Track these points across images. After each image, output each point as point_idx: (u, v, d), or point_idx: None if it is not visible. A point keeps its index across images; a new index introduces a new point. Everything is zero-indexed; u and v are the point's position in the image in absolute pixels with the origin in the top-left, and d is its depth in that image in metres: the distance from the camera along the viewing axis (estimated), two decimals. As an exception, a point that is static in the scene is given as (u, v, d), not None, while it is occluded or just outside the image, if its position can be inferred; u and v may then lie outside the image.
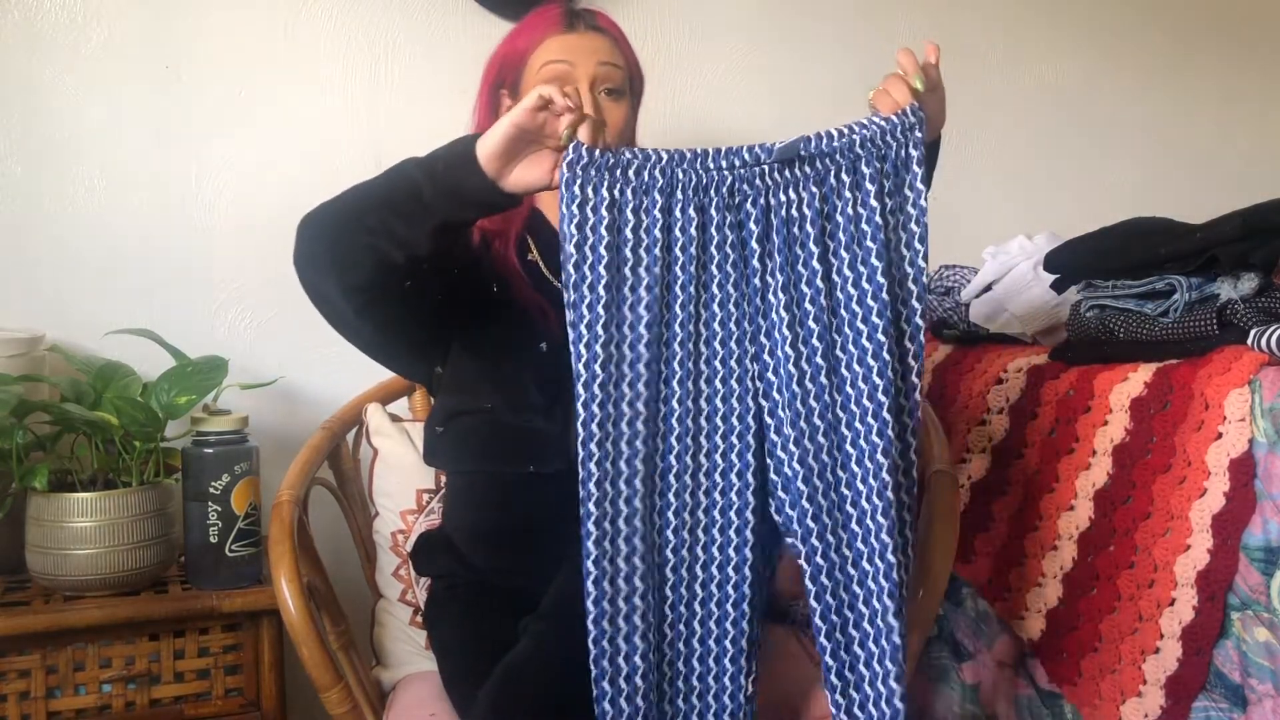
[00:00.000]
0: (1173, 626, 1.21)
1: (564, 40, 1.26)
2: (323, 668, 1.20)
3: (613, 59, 1.27)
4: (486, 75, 1.35)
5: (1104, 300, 1.42)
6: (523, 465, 1.26)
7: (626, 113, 1.30)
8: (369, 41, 1.83)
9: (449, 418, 1.32)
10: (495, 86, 1.34)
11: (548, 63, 1.26)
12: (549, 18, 1.29)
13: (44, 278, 1.69)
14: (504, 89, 1.33)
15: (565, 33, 1.27)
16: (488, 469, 1.29)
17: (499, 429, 1.27)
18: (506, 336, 1.29)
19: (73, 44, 1.69)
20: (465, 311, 1.30)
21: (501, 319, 1.30)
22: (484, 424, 1.29)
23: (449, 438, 1.32)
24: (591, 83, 1.25)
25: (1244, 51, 2.38)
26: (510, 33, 1.34)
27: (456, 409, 1.32)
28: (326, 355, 1.81)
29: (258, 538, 1.53)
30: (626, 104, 1.29)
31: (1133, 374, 1.33)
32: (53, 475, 1.44)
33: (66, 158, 1.70)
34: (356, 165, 1.81)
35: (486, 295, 1.30)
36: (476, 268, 1.31)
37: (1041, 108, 2.24)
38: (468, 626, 1.24)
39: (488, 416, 1.28)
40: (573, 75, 1.25)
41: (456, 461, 1.33)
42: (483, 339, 1.31)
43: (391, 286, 1.12)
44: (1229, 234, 1.26)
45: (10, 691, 1.40)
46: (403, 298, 1.16)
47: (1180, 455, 1.23)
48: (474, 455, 1.30)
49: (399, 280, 1.11)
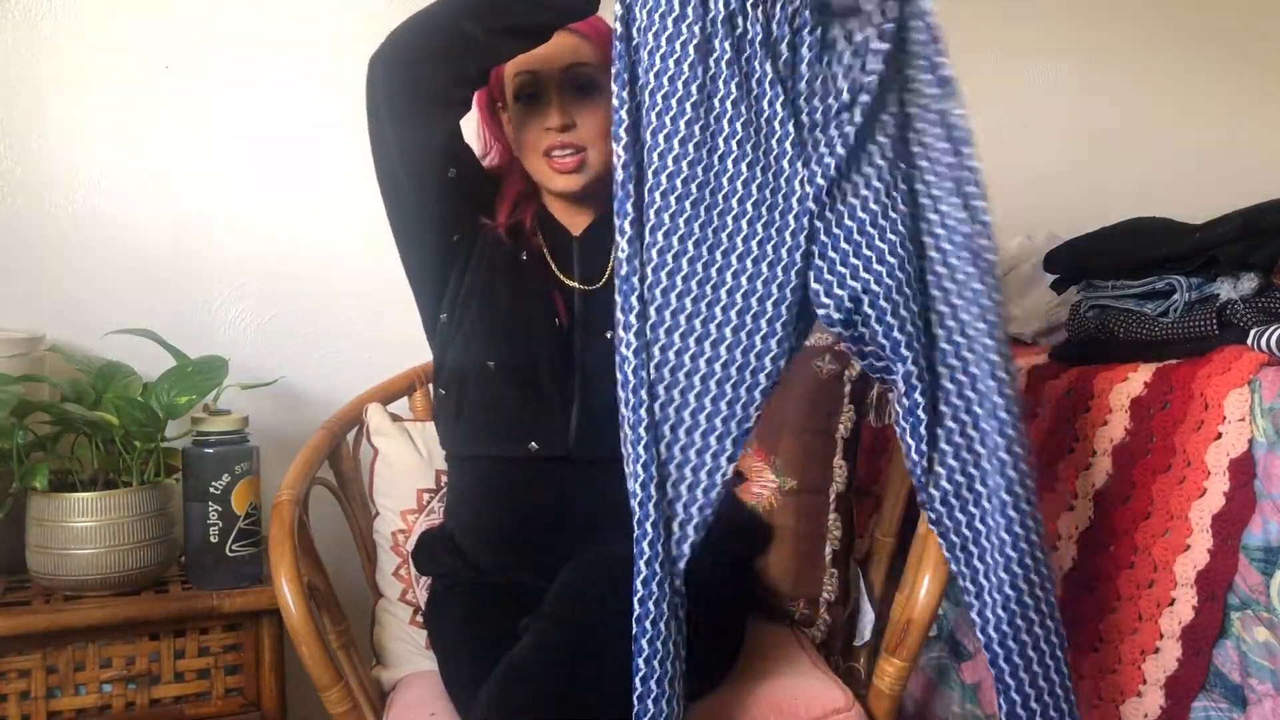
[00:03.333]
0: (1172, 626, 1.21)
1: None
2: (323, 667, 1.20)
3: (578, 58, 1.25)
4: (479, 99, 1.34)
5: (1104, 300, 1.42)
6: (524, 445, 1.25)
7: (603, 110, 1.24)
8: (370, 41, 1.83)
9: (452, 377, 1.31)
10: (491, 105, 1.35)
11: (516, 74, 1.26)
12: None
13: (44, 278, 1.69)
14: (499, 103, 1.33)
15: None
16: (492, 452, 1.28)
17: (501, 399, 1.26)
18: (519, 290, 1.29)
19: (73, 44, 1.69)
20: (472, 232, 1.31)
21: (516, 273, 1.29)
22: (486, 390, 1.27)
23: (451, 405, 1.31)
24: (559, 87, 1.24)
25: (1244, 51, 2.38)
26: None
27: (459, 364, 1.30)
28: (326, 355, 1.81)
29: (258, 538, 1.53)
30: (601, 101, 1.25)
31: (1133, 374, 1.33)
32: (53, 475, 1.44)
33: (66, 158, 1.70)
34: (356, 165, 1.82)
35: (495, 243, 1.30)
36: (484, 185, 1.32)
37: (1041, 108, 2.24)
38: (468, 626, 1.24)
39: (489, 378, 1.27)
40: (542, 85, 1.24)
41: (456, 441, 1.33)
42: (493, 286, 1.29)
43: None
44: (1229, 234, 1.26)
45: (10, 691, 1.40)
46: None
47: (1180, 455, 1.23)
48: (476, 433, 1.29)
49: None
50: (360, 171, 1.29)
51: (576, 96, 1.25)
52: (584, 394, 1.25)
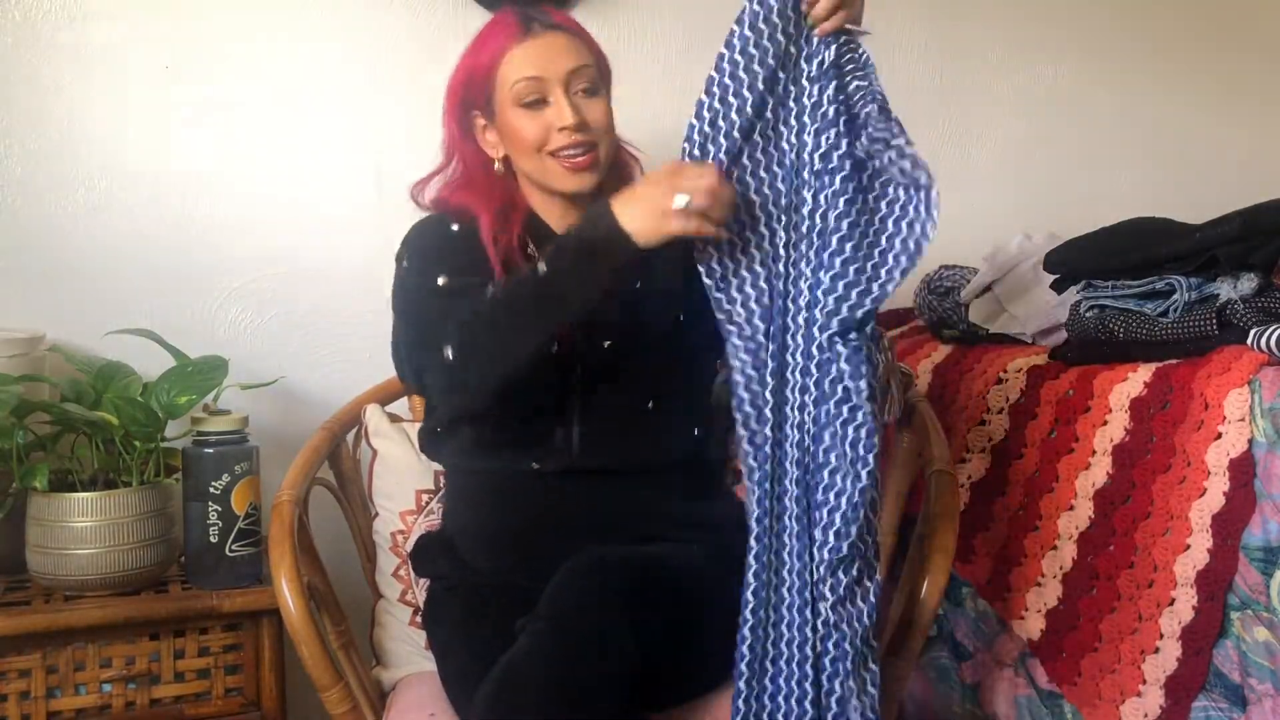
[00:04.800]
0: (1172, 626, 1.21)
1: (526, 50, 1.23)
2: (323, 667, 1.20)
3: (581, 60, 1.24)
4: (451, 96, 1.30)
5: (1104, 300, 1.42)
6: (525, 462, 1.25)
7: (606, 106, 1.27)
8: (369, 41, 1.83)
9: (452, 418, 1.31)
10: (464, 106, 1.30)
11: (517, 81, 1.23)
12: (504, 26, 1.25)
13: (44, 278, 1.69)
14: (475, 110, 1.29)
15: (524, 39, 1.23)
16: (492, 466, 1.28)
17: (503, 423, 1.26)
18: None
19: (73, 44, 1.69)
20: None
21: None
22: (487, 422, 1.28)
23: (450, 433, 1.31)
24: (566, 89, 1.23)
25: (1244, 51, 2.38)
26: (469, 48, 1.29)
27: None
28: (326, 355, 1.81)
29: (258, 538, 1.53)
30: (604, 98, 1.27)
31: (1133, 374, 1.33)
32: (53, 475, 1.44)
33: (66, 158, 1.70)
34: (356, 165, 1.82)
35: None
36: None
37: (1041, 108, 2.24)
38: (465, 627, 1.24)
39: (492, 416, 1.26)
40: (547, 88, 1.23)
41: (458, 456, 1.32)
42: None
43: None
44: (1229, 234, 1.26)
45: (10, 691, 1.40)
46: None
47: (1180, 455, 1.23)
48: (477, 452, 1.29)
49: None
50: (361, 172, 1.29)
51: (582, 96, 1.24)
52: (584, 407, 1.25)
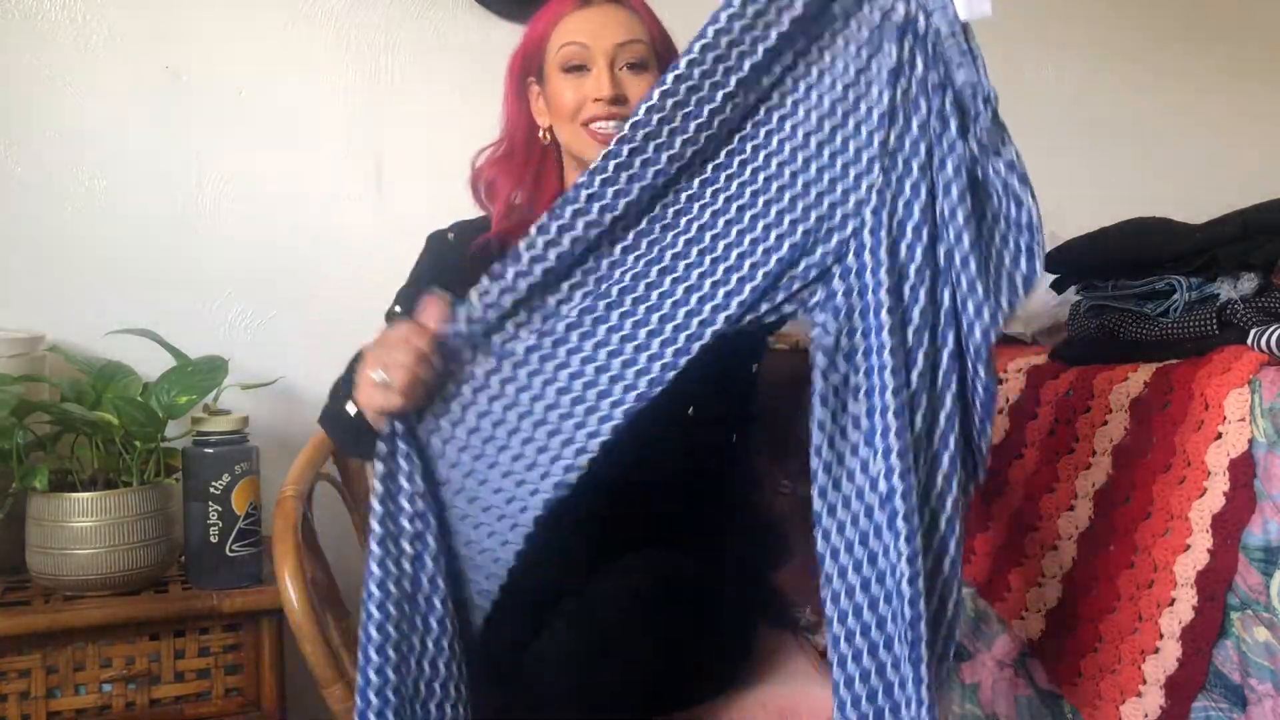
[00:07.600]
0: (1172, 626, 1.21)
1: (579, 18, 1.23)
2: (325, 664, 1.19)
3: (632, 35, 1.23)
4: (512, 67, 1.30)
5: (1104, 300, 1.42)
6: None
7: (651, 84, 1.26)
8: (369, 41, 1.83)
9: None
10: (522, 76, 1.30)
11: (564, 45, 1.23)
12: None
13: (44, 278, 1.69)
14: (530, 77, 1.29)
15: (582, 7, 1.23)
16: None
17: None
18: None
19: (73, 44, 1.69)
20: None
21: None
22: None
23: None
24: (610, 62, 1.22)
25: (1244, 52, 2.38)
26: (531, 19, 1.30)
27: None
28: (326, 355, 1.80)
29: (258, 538, 1.53)
30: (651, 77, 1.23)
31: (1133, 374, 1.33)
32: (53, 475, 1.44)
33: (66, 157, 1.70)
34: (356, 165, 1.82)
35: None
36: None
37: (1041, 108, 2.24)
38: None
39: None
40: (590, 56, 1.22)
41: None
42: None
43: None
44: (1229, 234, 1.26)
45: (10, 691, 1.40)
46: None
47: (1180, 455, 1.23)
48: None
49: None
50: (361, 172, 1.30)
51: (626, 71, 1.23)
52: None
